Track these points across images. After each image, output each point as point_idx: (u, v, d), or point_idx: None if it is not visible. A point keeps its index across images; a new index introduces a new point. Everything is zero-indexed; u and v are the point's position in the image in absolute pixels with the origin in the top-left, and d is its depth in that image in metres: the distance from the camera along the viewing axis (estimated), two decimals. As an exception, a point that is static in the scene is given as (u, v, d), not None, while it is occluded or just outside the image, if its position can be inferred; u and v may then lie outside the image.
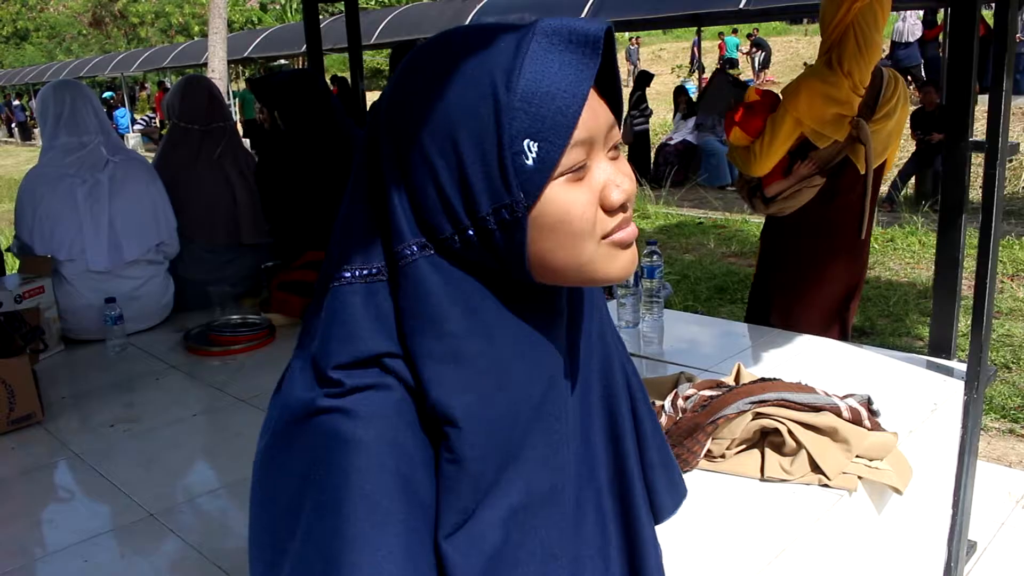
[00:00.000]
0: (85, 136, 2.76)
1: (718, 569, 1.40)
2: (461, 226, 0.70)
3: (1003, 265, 6.16)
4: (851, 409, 1.71)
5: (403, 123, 0.71)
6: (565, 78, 0.67)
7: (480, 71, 0.68)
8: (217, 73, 15.25)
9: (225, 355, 2.63)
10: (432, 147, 0.69)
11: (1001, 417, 3.89)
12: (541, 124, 0.67)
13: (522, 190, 0.68)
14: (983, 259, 2.07)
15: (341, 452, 0.70)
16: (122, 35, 36.86)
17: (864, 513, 1.71)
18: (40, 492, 1.88)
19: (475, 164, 0.68)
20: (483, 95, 0.67)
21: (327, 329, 0.73)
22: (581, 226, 0.70)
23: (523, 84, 0.67)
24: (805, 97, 2.69)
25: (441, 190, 0.69)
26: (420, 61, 0.72)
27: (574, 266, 0.72)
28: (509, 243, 0.70)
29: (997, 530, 2.86)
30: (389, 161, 0.71)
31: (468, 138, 0.68)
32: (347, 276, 0.73)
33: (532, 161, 0.67)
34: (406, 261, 0.71)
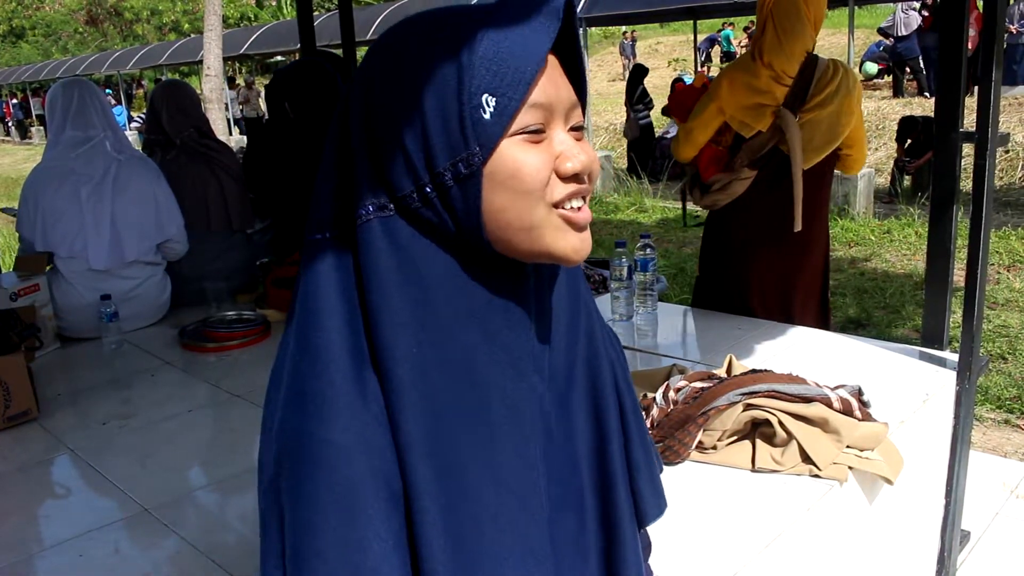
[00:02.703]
0: (91, 131, 2.78)
1: (709, 559, 1.41)
2: (420, 182, 0.72)
3: (999, 256, 6.17)
4: (842, 400, 1.72)
5: (374, 85, 0.74)
6: (526, 40, 0.71)
7: (448, 36, 0.71)
8: (213, 70, 15.24)
9: (220, 351, 2.64)
10: (397, 104, 0.72)
11: (996, 408, 3.90)
12: (500, 81, 0.70)
13: (478, 143, 0.70)
14: (974, 249, 2.08)
15: (308, 443, 0.72)
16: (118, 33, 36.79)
17: (855, 503, 1.72)
18: (36, 488, 1.88)
19: (436, 120, 0.70)
20: (448, 56, 0.71)
21: (304, 293, 0.76)
22: (532, 184, 0.72)
23: (484, 45, 0.70)
24: (726, 85, 2.69)
25: (403, 146, 0.72)
26: (395, 31, 0.76)
27: (524, 227, 0.73)
28: (465, 199, 0.72)
29: (991, 520, 2.87)
30: (357, 121, 0.74)
31: (431, 94, 0.70)
32: (317, 237, 0.76)
33: (489, 115, 0.70)
34: (361, 220, 0.73)
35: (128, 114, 22.62)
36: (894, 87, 12.82)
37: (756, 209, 2.76)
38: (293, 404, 0.74)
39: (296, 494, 0.72)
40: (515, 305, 0.78)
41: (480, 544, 0.74)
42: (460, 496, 0.73)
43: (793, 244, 2.79)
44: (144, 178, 2.85)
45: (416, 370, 0.72)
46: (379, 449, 0.72)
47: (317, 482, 0.71)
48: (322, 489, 0.71)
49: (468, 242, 0.74)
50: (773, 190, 2.72)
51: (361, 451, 0.71)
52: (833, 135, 2.71)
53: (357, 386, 0.72)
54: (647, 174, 10.75)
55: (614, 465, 0.89)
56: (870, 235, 7.13)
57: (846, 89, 2.66)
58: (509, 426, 0.77)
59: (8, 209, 10.70)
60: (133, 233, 2.79)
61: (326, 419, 0.72)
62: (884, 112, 10.97)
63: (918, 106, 10.86)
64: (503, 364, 0.77)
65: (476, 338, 0.75)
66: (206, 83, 15.54)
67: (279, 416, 0.75)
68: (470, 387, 0.75)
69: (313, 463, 0.71)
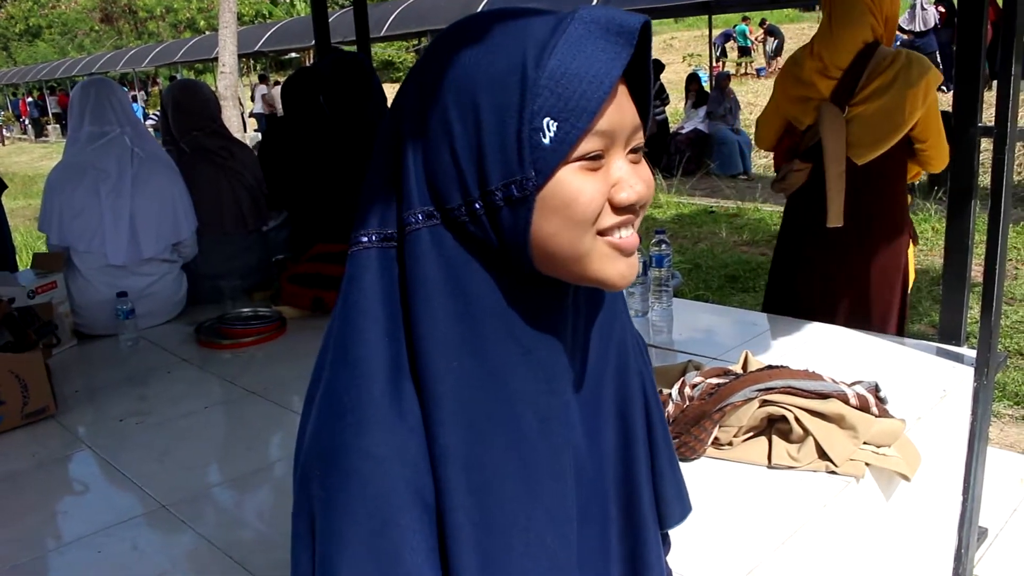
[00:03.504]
0: (107, 126, 2.81)
1: (726, 556, 1.41)
2: (470, 198, 0.70)
3: (1018, 251, 6.12)
4: (858, 396, 1.71)
5: (429, 85, 0.71)
6: (595, 63, 0.67)
7: (513, 43, 0.68)
8: (228, 68, 15.28)
9: (236, 348, 2.65)
10: (454, 111, 0.69)
11: (1015, 404, 3.88)
12: (564, 105, 0.67)
13: (534, 168, 0.68)
14: (992, 244, 2.06)
15: (342, 452, 0.71)
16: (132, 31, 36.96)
17: (872, 500, 1.71)
18: (54, 484, 1.90)
19: (493, 135, 0.68)
20: (512, 67, 0.68)
21: (345, 299, 0.75)
22: (585, 214, 0.70)
23: (552, 63, 0.67)
24: (780, 78, 2.71)
25: (456, 156, 0.69)
26: (456, 29, 0.73)
27: (572, 256, 0.71)
28: (514, 222, 0.69)
29: (1009, 516, 2.85)
30: (411, 123, 0.72)
31: (490, 107, 0.68)
32: (364, 241, 0.74)
33: (549, 140, 0.67)
34: (410, 228, 0.71)
35: (144, 112, 22.72)
36: (911, 81, 12.73)
37: (803, 203, 2.75)
38: (328, 412, 0.73)
39: (328, 503, 0.71)
40: (553, 321, 0.76)
41: (509, 558, 0.73)
42: (493, 510, 0.72)
43: (835, 242, 2.68)
44: (164, 176, 2.87)
45: (455, 384, 0.71)
46: (413, 461, 0.71)
47: (350, 492, 0.70)
48: (355, 500, 0.70)
49: (511, 260, 0.72)
50: (818, 185, 2.64)
51: (395, 462, 0.70)
52: (890, 130, 2.52)
53: (394, 397, 0.71)
54: (662, 170, 10.73)
55: (639, 475, 0.88)
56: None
57: (905, 81, 2.47)
58: (542, 441, 0.76)
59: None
60: (151, 230, 2.80)
61: (362, 430, 0.71)
62: (900, 106, 10.88)
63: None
64: (539, 380, 0.75)
65: (514, 354, 0.74)
66: (221, 80, 15.58)
67: (313, 423, 0.75)
68: (506, 402, 0.73)
69: (347, 473, 0.70)
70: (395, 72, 28.21)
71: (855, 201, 2.61)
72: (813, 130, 2.63)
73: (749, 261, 6.44)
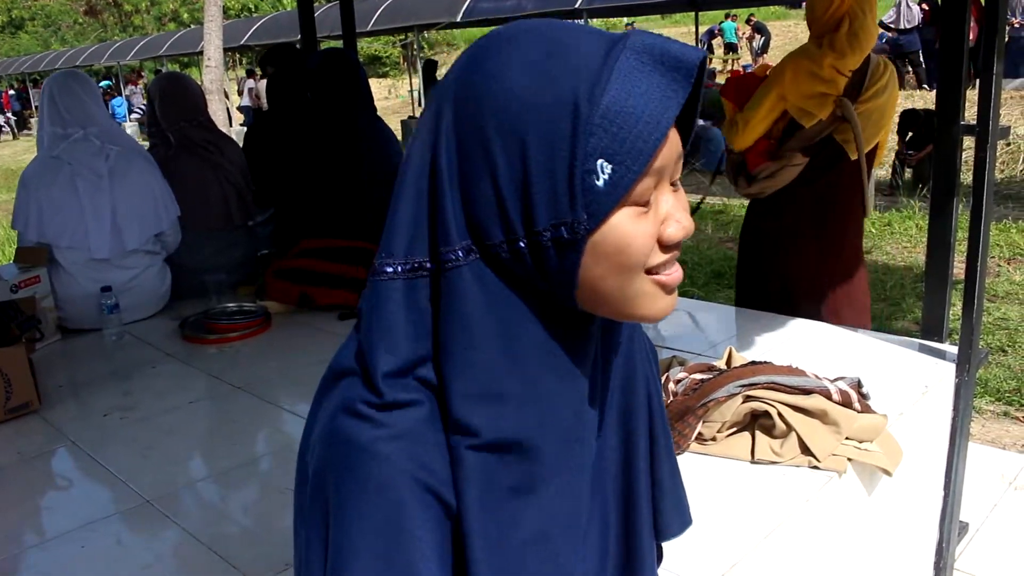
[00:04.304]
0: (70, 128, 2.78)
1: (709, 550, 1.42)
2: (513, 236, 0.66)
3: (1000, 249, 6.17)
4: (841, 392, 1.72)
5: (470, 109, 0.66)
6: (651, 102, 0.63)
7: (561, 72, 0.64)
8: (213, 61, 15.21)
9: (221, 343, 2.64)
10: (497, 140, 0.64)
11: (996, 400, 3.91)
12: (619, 146, 0.63)
13: (586, 211, 0.64)
14: (974, 242, 2.08)
15: (359, 459, 0.69)
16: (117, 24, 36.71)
17: (854, 494, 1.73)
18: (37, 480, 1.89)
19: (541, 173, 0.64)
20: (563, 101, 0.63)
21: (369, 326, 0.71)
22: (637, 259, 0.67)
23: (607, 99, 0.63)
24: (790, 74, 2.74)
25: (499, 192, 0.65)
26: (499, 46, 0.67)
27: (619, 298, 0.69)
28: (561, 264, 0.66)
29: (989, 512, 2.88)
30: (449, 149, 0.67)
31: (539, 142, 0.63)
32: (388, 271, 0.70)
33: (603, 183, 0.63)
34: (451, 265, 0.67)
35: (128, 105, 22.57)
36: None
37: (801, 198, 2.85)
38: (348, 423, 0.71)
39: (342, 509, 0.69)
40: (585, 347, 0.74)
41: (523, 570, 0.73)
42: (509, 523, 0.72)
43: (831, 235, 2.89)
44: (141, 168, 2.86)
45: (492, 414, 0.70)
46: (431, 468, 0.70)
47: (366, 498, 0.69)
48: (370, 507, 0.68)
49: (552, 294, 0.70)
50: (819, 179, 2.82)
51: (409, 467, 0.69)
52: (879, 128, 2.81)
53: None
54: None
55: (639, 486, 0.88)
56: (871, 227, 7.12)
57: (893, 84, 2.78)
58: (565, 460, 0.75)
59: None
60: (133, 222, 2.79)
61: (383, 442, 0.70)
62: (885, 104, 10.94)
63: (920, 99, 10.84)
64: (571, 405, 0.74)
65: (552, 382, 0.71)
66: (206, 74, 15.50)
67: (329, 422, 0.72)
68: (538, 427, 0.71)
69: (361, 479, 0.69)
70: (381, 67, 28.14)
71: (812, 193, 2.85)
72: (819, 126, 2.77)
73: (735, 258, 6.44)
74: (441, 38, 27.37)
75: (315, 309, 2.84)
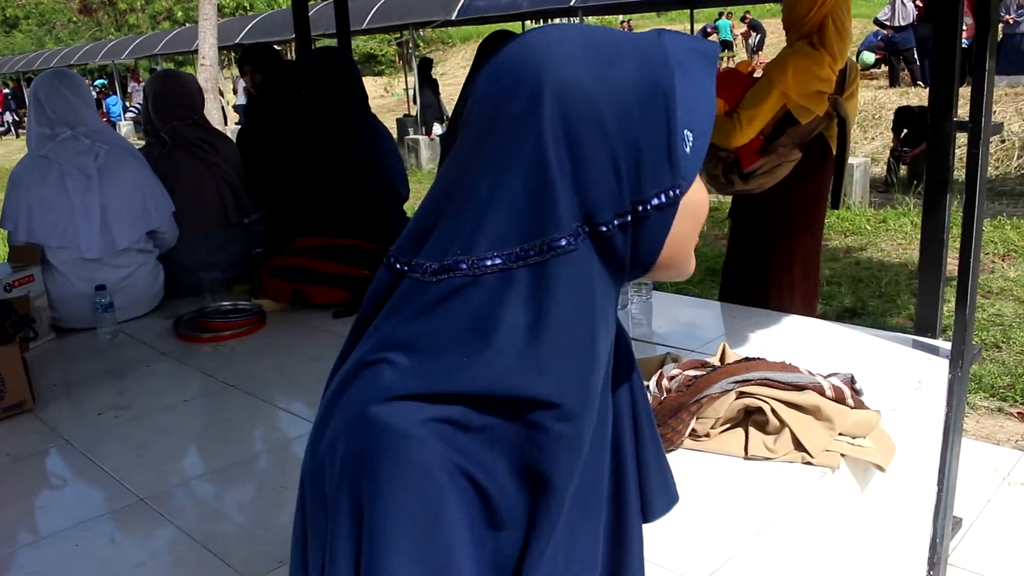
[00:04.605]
0: (58, 127, 2.77)
1: (703, 546, 1.42)
2: (624, 209, 0.72)
3: (994, 245, 6.18)
4: (834, 388, 1.72)
5: (582, 104, 0.71)
6: (700, 79, 0.74)
7: (636, 60, 0.72)
8: (208, 60, 15.17)
9: (216, 341, 2.64)
10: (614, 128, 0.71)
11: (990, 396, 3.92)
12: (694, 116, 0.73)
13: (682, 176, 0.73)
14: (967, 238, 2.08)
15: (399, 444, 0.69)
16: (112, 22, 36.64)
17: (847, 490, 1.73)
18: (31, 479, 1.89)
19: (650, 149, 0.72)
20: (658, 86, 0.72)
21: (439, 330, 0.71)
22: (705, 214, 0.78)
23: (676, 80, 0.72)
24: (792, 72, 2.81)
25: (618, 171, 0.71)
26: (573, 45, 0.73)
27: (687, 255, 0.79)
28: (658, 228, 0.74)
29: (983, 507, 2.89)
30: (557, 139, 0.70)
31: (646, 124, 0.71)
32: (488, 264, 0.71)
33: (690, 150, 0.73)
34: (562, 250, 0.70)
35: (123, 104, 22.53)
36: (890, 77, 12.81)
37: (797, 193, 2.96)
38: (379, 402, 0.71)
39: (380, 495, 0.70)
40: (613, 326, 0.80)
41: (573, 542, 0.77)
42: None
43: (819, 227, 3.12)
44: (131, 166, 2.85)
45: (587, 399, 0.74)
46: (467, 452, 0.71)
47: (405, 482, 0.69)
48: (409, 491, 0.69)
49: (624, 270, 0.76)
50: (811, 174, 2.95)
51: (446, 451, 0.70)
52: (854, 118, 3.08)
53: None
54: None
55: (627, 468, 0.89)
56: (866, 224, 7.14)
57: (859, 82, 3.00)
58: (599, 439, 0.80)
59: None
60: (123, 221, 2.79)
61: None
62: (880, 102, 10.96)
63: (915, 96, 10.85)
64: (605, 385, 0.80)
65: (605, 358, 0.77)
66: (201, 73, 15.45)
67: (361, 410, 0.72)
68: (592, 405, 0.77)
69: (401, 463, 0.69)
70: (377, 65, 28.10)
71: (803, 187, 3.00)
72: (814, 122, 2.88)
73: (730, 255, 6.46)
74: (436, 36, 27.36)
75: (310, 307, 2.84)
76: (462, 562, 0.70)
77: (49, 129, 2.76)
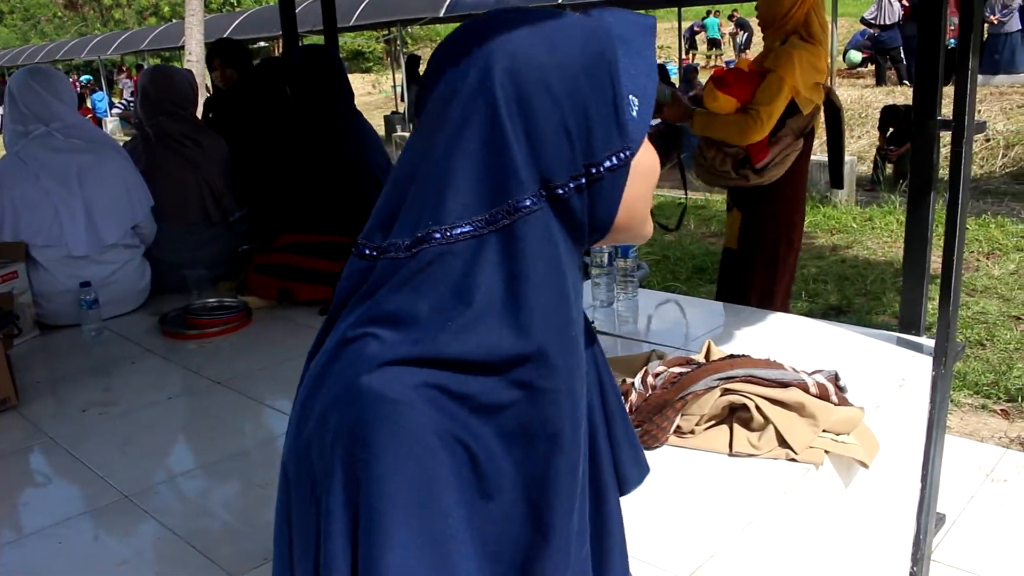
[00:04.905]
0: (31, 124, 2.75)
1: (687, 542, 1.43)
2: (578, 172, 0.76)
3: (979, 244, 6.22)
4: (818, 385, 1.73)
5: (532, 72, 0.74)
6: (641, 49, 0.79)
7: (580, 33, 0.77)
8: (194, 56, 15.10)
9: (202, 338, 2.63)
10: (563, 94, 0.75)
11: (974, 393, 3.94)
12: (638, 82, 0.78)
13: (631, 138, 0.78)
14: (951, 236, 2.09)
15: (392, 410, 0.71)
16: (97, 17, 36.41)
17: (831, 487, 1.74)
18: (14, 476, 1.88)
19: (599, 113, 0.76)
20: (598, 52, 0.76)
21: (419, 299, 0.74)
22: (657, 175, 0.83)
23: (619, 49, 0.77)
24: (798, 66, 2.91)
25: (569, 135, 0.75)
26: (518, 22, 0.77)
27: (642, 217, 0.83)
28: (612, 189, 0.78)
29: (966, 503, 2.90)
30: (510, 107, 0.74)
31: (593, 90, 0.75)
32: (438, 237, 0.74)
33: (636, 114, 0.78)
34: (526, 211, 0.74)
35: (109, 100, 22.39)
36: (877, 76, 12.87)
37: (791, 179, 3.10)
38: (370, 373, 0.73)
39: (376, 460, 0.71)
40: (581, 287, 0.84)
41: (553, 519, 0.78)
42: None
43: (803, 202, 3.27)
44: (111, 160, 2.84)
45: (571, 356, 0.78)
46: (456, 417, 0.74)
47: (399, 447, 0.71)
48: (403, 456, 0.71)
49: (585, 234, 0.80)
50: (800, 162, 3.09)
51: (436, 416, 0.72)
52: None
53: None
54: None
55: (599, 443, 0.91)
56: (851, 222, 7.17)
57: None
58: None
59: None
60: (109, 216, 2.77)
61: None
62: (867, 100, 11.00)
63: (900, 95, 10.90)
64: (580, 356, 0.82)
65: (581, 323, 0.82)
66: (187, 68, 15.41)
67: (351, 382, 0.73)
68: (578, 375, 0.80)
69: (396, 429, 0.71)
70: (364, 62, 28.03)
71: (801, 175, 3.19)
72: (813, 111, 3.03)
73: (716, 253, 6.46)
74: (424, 33, 27.30)
75: (296, 304, 2.83)
76: (458, 528, 0.72)
77: (22, 126, 2.75)
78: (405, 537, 0.70)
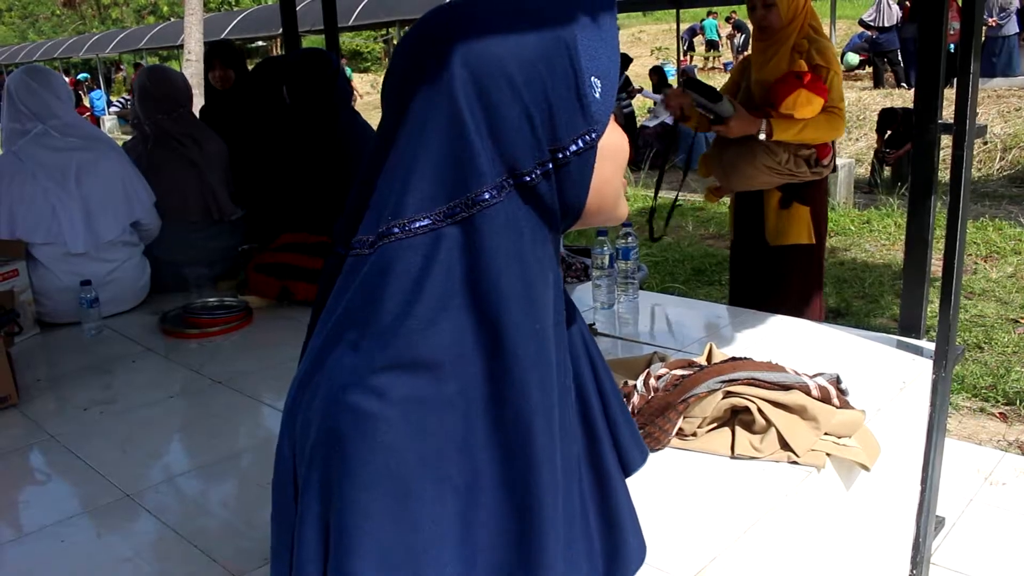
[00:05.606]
0: (28, 123, 2.75)
1: (689, 544, 1.43)
2: (543, 158, 0.75)
3: (977, 247, 6.23)
4: (820, 387, 1.73)
5: (490, 63, 0.74)
6: (602, 28, 0.77)
7: (549, 22, 0.76)
8: (193, 55, 15.09)
9: (202, 337, 2.63)
10: (519, 76, 0.74)
11: (973, 396, 3.95)
12: (599, 64, 0.76)
13: (595, 121, 0.77)
14: (951, 239, 2.10)
15: (366, 426, 0.71)
16: (95, 16, 36.36)
17: (832, 489, 1.74)
18: (16, 474, 1.88)
19: (561, 98, 0.75)
20: (557, 38, 0.75)
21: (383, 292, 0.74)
22: (626, 155, 0.83)
23: (578, 31, 0.76)
24: (835, 59, 2.99)
25: (532, 122, 0.74)
26: (481, 7, 0.77)
27: (615, 198, 0.83)
28: (580, 173, 0.77)
29: (965, 506, 2.91)
30: (470, 98, 0.73)
31: (553, 75, 0.74)
32: (397, 231, 0.74)
33: (599, 95, 0.76)
34: (487, 204, 0.73)
35: (107, 99, 22.35)
36: (874, 78, 12.89)
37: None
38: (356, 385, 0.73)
39: (350, 474, 0.72)
40: (558, 273, 0.83)
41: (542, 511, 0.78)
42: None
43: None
44: (108, 158, 2.84)
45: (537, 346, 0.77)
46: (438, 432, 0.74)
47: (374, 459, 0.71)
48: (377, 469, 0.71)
49: (558, 218, 0.79)
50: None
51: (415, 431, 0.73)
52: None
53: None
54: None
55: (597, 425, 0.91)
56: (850, 225, 7.18)
57: None
58: (562, 396, 0.81)
59: None
60: (106, 213, 2.77)
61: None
62: (865, 103, 11.02)
63: (898, 97, 10.92)
64: (562, 348, 0.82)
65: (551, 311, 0.80)
66: (186, 68, 15.37)
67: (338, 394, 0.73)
68: (549, 366, 0.79)
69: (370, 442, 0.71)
70: (363, 62, 28.00)
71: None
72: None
73: (715, 254, 6.49)
74: (423, 33, 27.20)
75: (296, 304, 2.83)
76: (433, 541, 0.72)
77: (20, 124, 2.75)
78: (375, 548, 0.71)
